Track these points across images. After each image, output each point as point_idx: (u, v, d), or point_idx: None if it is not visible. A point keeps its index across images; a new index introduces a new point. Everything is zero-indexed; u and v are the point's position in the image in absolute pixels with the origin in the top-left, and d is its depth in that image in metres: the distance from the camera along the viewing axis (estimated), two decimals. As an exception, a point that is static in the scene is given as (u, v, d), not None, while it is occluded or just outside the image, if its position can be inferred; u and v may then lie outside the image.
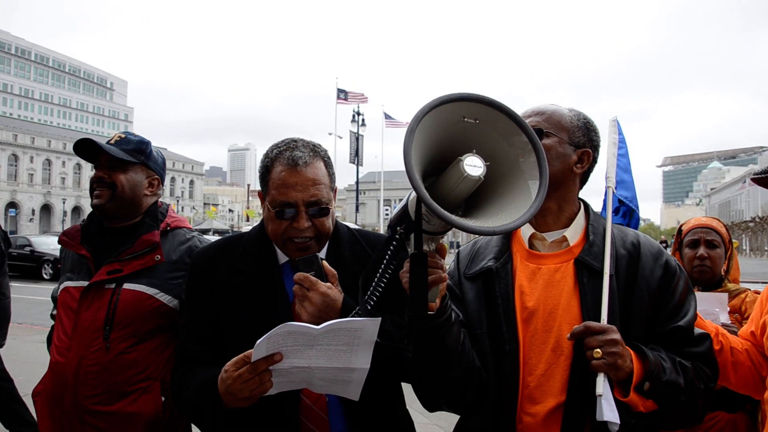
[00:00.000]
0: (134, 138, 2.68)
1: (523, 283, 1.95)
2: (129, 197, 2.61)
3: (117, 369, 2.44)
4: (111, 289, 2.49)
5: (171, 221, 2.73)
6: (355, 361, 1.76)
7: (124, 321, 2.45)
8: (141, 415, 2.45)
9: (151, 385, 2.49)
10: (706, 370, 1.85)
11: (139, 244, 2.56)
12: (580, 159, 2.01)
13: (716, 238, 3.18)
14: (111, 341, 2.43)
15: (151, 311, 2.49)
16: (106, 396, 2.42)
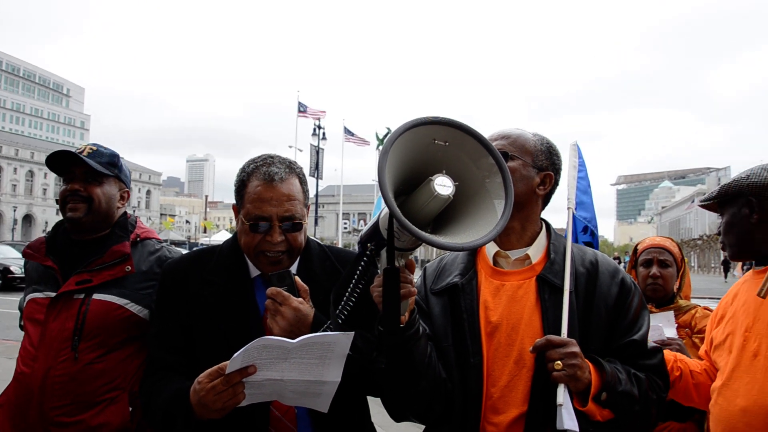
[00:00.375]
0: (106, 151, 2.68)
1: (488, 299, 2.04)
2: (104, 210, 2.61)
3: (85, 379, 2.42)
4: (80, 299, 2.47)
5: (140, 232, 2.74)
6: (327, 374, 1.81)
7: (93, 331, 2.44)
8: (108, 426, 2.43)
9: (119, 396, 2.47)
10: (658, 382, 1.96)
11: (110, 254, 2.55)
12: (543, 181, 2.11)
13: (669, 258, 3.33)
14: (79, 351, 2.41)
15: (121, 321, 2.48)
16: (74, 407, 2.40)
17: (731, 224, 2.30)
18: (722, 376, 2.21)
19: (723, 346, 2.26)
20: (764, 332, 2.09)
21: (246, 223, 2.11)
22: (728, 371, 2.18)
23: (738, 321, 2.23)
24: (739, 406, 2.07)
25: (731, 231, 2.30)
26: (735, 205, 2.28)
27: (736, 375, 2.15)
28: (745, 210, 2.23)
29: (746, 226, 2.24)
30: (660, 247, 3.39)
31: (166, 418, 2.02)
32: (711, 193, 2.39)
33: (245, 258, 2.21)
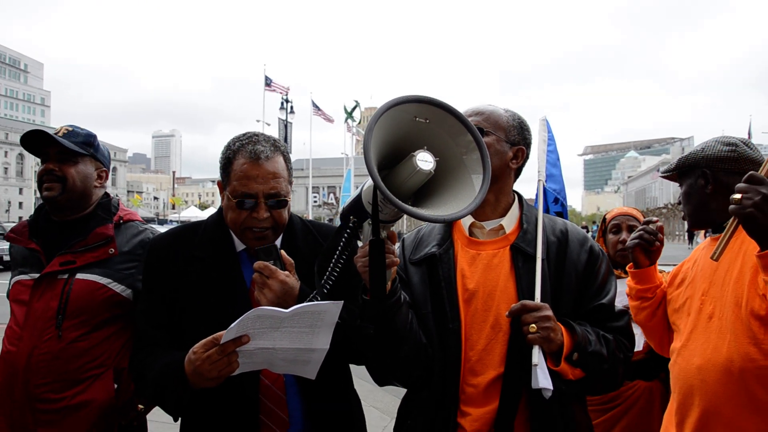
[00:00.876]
0: (81, 131, 2.69)
1: (464, 267, 2.14)
2: (80, 189, 2.62)
3: (69, 357, 2.46)
4: (63, 279, 2.51)
5: (124, 214, 2.77)
6: (317, 342, 1.90)
7: (76, 310, 2.48)
8: (93, 402, 2.48)
9: (103, 373, 2.52)
10: (625, 342, 2.10)
11: (93, 236, 2.59)
12: (516, 155, 2.21)
13: (636, 224, 3.48)
14: (63, 330, 2.45)
15: (104, 300, 2.53)
16: (59, 384, 2.45)
17: (689, 195, 2.42)
18: (681, 338, 2.35)
19: (682, 309, 2.40)
20: (718, 296, 2.22)
21: (232, 200, 2.16)
22: (686, 333, 2.32)
23: (696, 285, 2.36)
24: (695, 365, 2.21)
25: (689, 201, 2.42)
26: (692, 177, 2.39)
27: (693, 336, 2.28)
28: (700, 181, 2.35)
29: (702, 196, 2.35)
30: (627, 214, 3.57)
31: (160, 389, 2.08)
32: (669, 165, 2.51)
33: (230, 233, 2.27)
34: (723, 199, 2.18)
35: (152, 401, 2.34)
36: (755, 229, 1.88)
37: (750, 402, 2.07)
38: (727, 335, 2.13)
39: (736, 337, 2.11)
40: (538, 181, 2.45)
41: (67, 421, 2.46)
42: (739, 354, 2.08)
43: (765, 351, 2.04)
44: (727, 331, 2.14)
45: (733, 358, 2.09)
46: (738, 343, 2.09)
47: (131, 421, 2.62)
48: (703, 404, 2.16)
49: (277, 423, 2.17)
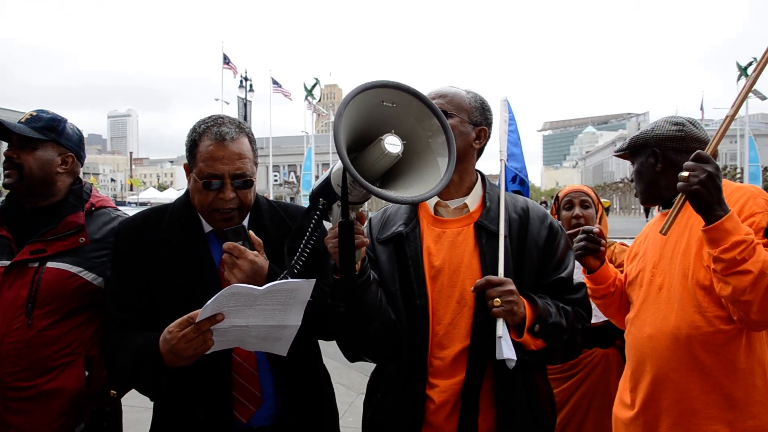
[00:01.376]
0: (46, 116, 2.65)
1: (430, 245, 2.21)
2: (39, 176, 2.58)
3: (39, 345, 2.44)
4: (34, 267, 2.48)
5: (96, 201, 2.73)
6: (289, 319, 1.96)
7: (47, 299, 2.46)
8: (64, 390, 2.47)
9: (74, 361, 2.51)
10: (582, 313, 2.21)
11: (64, 225, 2.56)
12: (478, 136, 2.28)
13: (588, 199, 3.61)
14: (33, 318, 2.44)
15: (75, 289, 2.51)
16: (29, 372, 2.43)
17: (640, 173, 2.51)
18: (634, 309, 2.49)
19: (635, 281, 2.53)
20: (667, 268, 2.36)
21: (199, 182, 2.19)
22: (639, 304, 2.45)
23: (647, 258, 2.49)
24: (647, 333, 2.35)
25: (641, 179, 2.52)
26: (642, 156, 2.49)
27: (644, 307, 2.41)
28: (650, 160, 2.45)
29: (653, 174, 2.46)
30: (579, 190, 3.67)
31: (135, 369, 2.11)
32: (622, 144, 2.61)
33: (197, 215, 2.30)
34: (672, 177, 2.27)
35: (128, 383, 2.34)
36: (700, 205, 2.01)
37: (695, 366, 2.21)
38: (675, 305, 2.27)
39: (683, 306, 2.24)
40: (500, 160, 2.53)
41: (38, 408, 2.44)
42: (685, 322, 2.22)
43: (709, 318, 2.18)
44: (675, 300, 2.27)
45: (681, 326, 2.23)
46: (685, 312, 2.23)
47: (103, 407, 2.61)
48: (654, 370, 2.30)
49: (250, 399, 2.22)
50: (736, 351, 2.18)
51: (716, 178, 1.99)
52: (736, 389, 2.18)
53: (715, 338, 2.18)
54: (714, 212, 1.99)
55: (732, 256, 1.97)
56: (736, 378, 2.18)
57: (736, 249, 1.97)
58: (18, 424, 2.43)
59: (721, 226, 1.98)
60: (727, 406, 2.18)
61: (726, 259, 1.99)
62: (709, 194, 1.98)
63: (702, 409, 2.20)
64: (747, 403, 2.18)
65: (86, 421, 2.54)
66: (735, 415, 2.18)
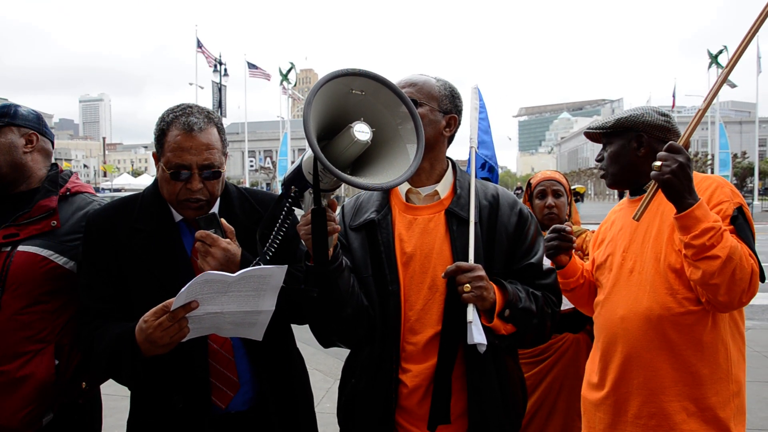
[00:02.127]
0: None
1: (402, 232, 2.24)
2: (7, 162, 2.53)
3: (8, 331, 2.40)
4: (6, 252, 2.45)
5: (72, 186, 2.70)
6: (262, 305, 1.97)
7: (15, 283, 2.42)
8: (32, 377, 2.43)
9: (44, 348, 2.47)
10: (552, 298, 2.25)
11: (36, 209, 2.53)
12: (448, 123, 2.30)
13: (560, 189, 3.66)
14: (2, 302, 2.40)
15: (46, 272, 2.47)
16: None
17: (618, 154, 2.54)
18: (604, 292, 2.55)
19: (604, 265, 2.59)
20: (638, 251, 2.43)
21: (166, 172, 2.18)
22: (609, 286, 2.52)
23: (617, 243, 2.55)
24: (619, 315, 2.42)
25: (617, 161, 2.55)
26: (624, 138, 2.52)
27: (616, 289, 2.48)
28: (633, 144, 2.49)
29: (633, 158, 2.50)
30: (551, 179, 3.71)
31: (113, 359, 2.11)
32: (606, 122, 2.61)
33: (167, 204, 2.30)
34: (650, 164, 2.33)
35: (106, 373, 2.32)
36: (672, 193, 2.09)
37: (666, 345, 2.29)
38: (647, 287, 2.34)
39: (654, 288, 2.32)
40: (470, 147, 2.55)
41: (5, 395, 2.40)
42: (657, 303, 2.30)
43: (679, 300, 2.27)
44: (647, 283, 2.35)
45: (653, 307, 2.31)
46: (656, 293, 2.31)
47: (74, 399, 2.58)
48: (625, 350, 2.37)
49: (228, 384, 2.24)
50: (702, 330, 2.27)
51: (687, 168, 2.07)
52: (702, 367, 2.27)
53: (684, 318, 2.27)
54: (685, 200, 2.07)
55: (702, 242, 2.06)
56: (702, 356, 2.27)
57: (706, 235, 2.05)
58: None
59: (692, 213, 2.06)
60: (693, 384, 2.27)
61: (696, 245, 2.07)
62: (681, 183, 2.06)
63: (671, 386, 2.29)
64: (711, 380, 2.27)
65: (55, 412, 2.50)
66: (701, 392, 2.27)
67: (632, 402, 2.35)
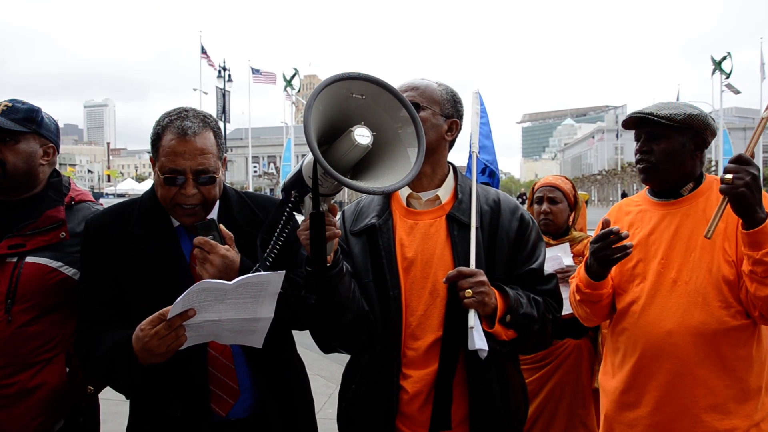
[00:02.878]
0: (22, 106, 2.55)
1: (403, 237, 2.23)
2: (23, 170, 2.50)
3: (20, 341, 2.40)
4: (12, 262, 2.42)
5: (75, 195, 2.67)
6: (261, 311, 1.96)
7: (27, 294, 2.41)
8: (45, 386, 2.43)
9: (55, 357, 2.48)
10: (553, 303, 2.24)
11: (44, 219, 2.49)
12: (450, 128, 2.30)
13: (558, 195, 3.63)
14: (13, 314, 2.38)
15: (56, 284, 2.46)
16: (10, 369, 2.39)
17: (675, 152, 2.36)
18: (639, 302, 2.37)
19: (633, 272, 2.42)
20: (682, 260, 2.30)
21: (161, 176, 2.17)
22: (645, 297, 2.35)
23: (649, 249, 2.39)
24: (665, 329, 2.27)
25: (672, 159, 2.36)
26: (685, 135, 2.36)
27: (657, 301, 2.32)
28: (691, 144, 2.36)
29: (687, 159, 2.37)
30: (551, 185, 3.68)
31: (109, 367, 2.09)
32: (674, 113, 2.35)
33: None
34: (695, 167, 2.35)
35: (103, 381, 2.31)
36: (744, 207, 1.98)
37: (719, 361, 2.21)
38: (699, 299, 2.24)
39: (707, 301, 2.23)
40: (471, 152, 2.54)
41: (18, 405, 2.40)
42: (712, 317, 2.21)
43: (733, 313, 2.21)
44: (698, 295, 2.24)
45: (707, 321, 2.21)
46: (710, 306, 2.22)
47: (80, 403, 2.58)
48: (674, 367, 2.25)
49: (227, 392, 2.23)
50: (753, 344, 2.21)
51: (759, 180, 1.97)
52: (752, 381, 2.20)
53: (738, 333, 2.20)
54: (756, 215, 1.97)
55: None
56: (753, 371, 2.21)
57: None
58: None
59: (765, 229, 1.96)
60: (744, 399, 2.21)
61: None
62: (753, 197, 1.96)
63: (724, 404, 2.20)
64: (759, 393, 2.21)
65: (65, 418, 2.51)
66: (751, 407, 2.20)
67: (682, 422, 2.25)
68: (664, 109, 2.38)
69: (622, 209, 2.64)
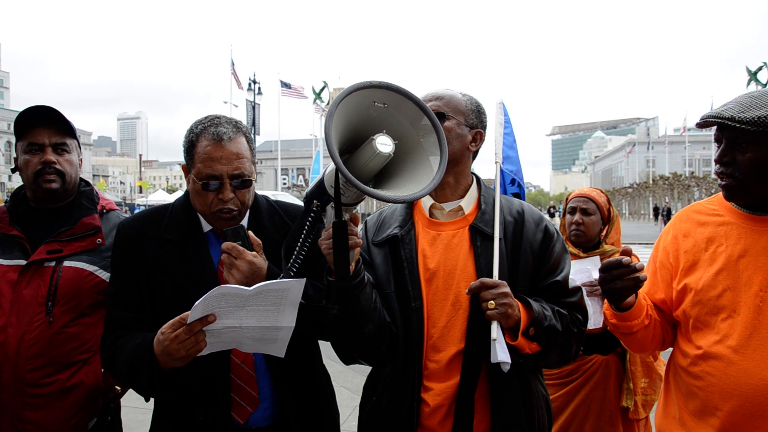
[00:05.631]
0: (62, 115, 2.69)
1: (425, 248, 2.21)
2: (75, 180, 2.68)
3: (59, 342, 2.50)
4: (51, 266, 2.54)
5: (105, 203, 2.80)
6: (282, 320, 1.95)
7: (66, 296, 2.52)
8: (82, 385, 2.55)
9: (92, 357, 2.59)
10: (578, 316, 2.19)
11: (80, 226, 2.62)
12: (474, 138, 2.28)
13: (592, 207, 3.58)
14: (54, 316, 2.50)
15: (92, 287, 2.57)
16: (50, 369, 2.49)
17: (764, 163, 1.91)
18: (728, 341, 1.96)
19: (715, 302, 2.01)
20: None
21: (198, 183, 2.19)
22: (739, 336, 1.94)
23: (740, 276, 1.97)
24: (766, 381, 1.86)
25: (763, 171, 1.92)
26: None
27: (756, 343, 1.90)
28: None
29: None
30: (585, 196, 3.63)
31: (132, 370, 2.11)
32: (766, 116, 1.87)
33: (197, 215, 2.30)
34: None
35: (126, 383, 2.38)
36: None
37: None
38: None
39: None
40: (495, 163, 2.52)
41: (56, 404, 2.50)
42: None
43: None
44: None
45: None
46: None
47: (109, 402, 2.70)
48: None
49: (247, 400, 2.23)
50: None
51: None
52: None
53: None
54: None
55: None
56: None
57: None
58: (36, 420, 2.48)
59: None
60: None
61: None
62: None
63: None
64: None
65: (98, 416, 2.63)
66: None
67: None
68: (751, 108, 1.90)
69: (693, 219, 2.18)
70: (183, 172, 2.31)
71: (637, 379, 3.34)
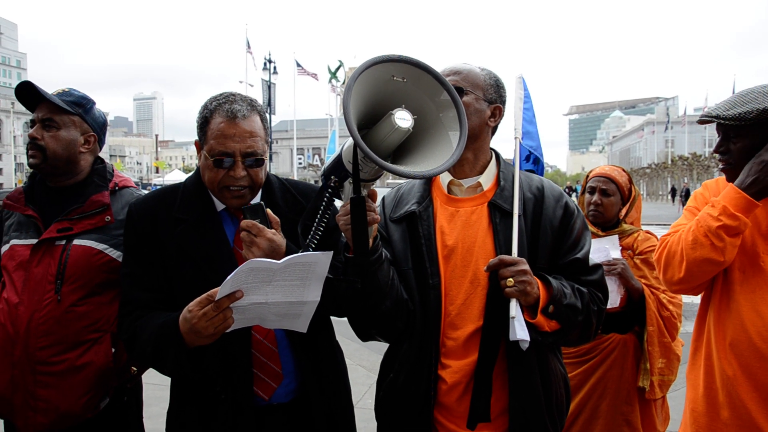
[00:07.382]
0: (77, 93, 2.72)
1: (444, 224, 2.19)
2: (63, 157, 2.63)
3: (68, 321, 2.51)
4: (61, 245, 2.55)
5: (119, 181, 2.79)
6: (308, 295, 1.94)
7: (74, 275, 2.52)
8: (92, 364, 2.55)
9: (102, 337, 2.58)
10: (598, 294, 2.16)
11: (89, 204, 2.62)
12: (493, 113, 2.24)
13: (611, 187, 3.51)
14: (62, 294, 2.50)
15: (101, 265, 2.57)
16: (60, 347, 2.50)
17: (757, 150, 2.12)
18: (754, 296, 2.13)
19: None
20: None
21: (210, 159, 2.18)
22: None
23: None
24: None
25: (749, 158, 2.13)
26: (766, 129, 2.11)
27: None
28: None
29: None
30: (606, 176, 3.56)
31: (156, 350, 2.11)
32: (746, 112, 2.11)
33: (209, 193, 2.30)
34: None
35: (150, 363, 2.35)
36: None
37: None
38: None
39: None
40: (514, 138, 2.48)
41: (66, 382, 2.51)
42: None
43: None
44: None
45: None
46: None
47: (125, 383, 2.69)
48: None
49: (271, 376, 2.24)
50: None
51: None
52: None
53: None
54: None
55: None
56: None
57: None
58: (48, 398, 2.51)
59: None
60: None
61: None
62: None
63: None
64: None
65: (110, 396, 2.62)
66: None
67: None
68: (735, 106, 2.14)
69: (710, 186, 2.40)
70: (196, 149, 2.30)
71: (654, 359, 3.31)
